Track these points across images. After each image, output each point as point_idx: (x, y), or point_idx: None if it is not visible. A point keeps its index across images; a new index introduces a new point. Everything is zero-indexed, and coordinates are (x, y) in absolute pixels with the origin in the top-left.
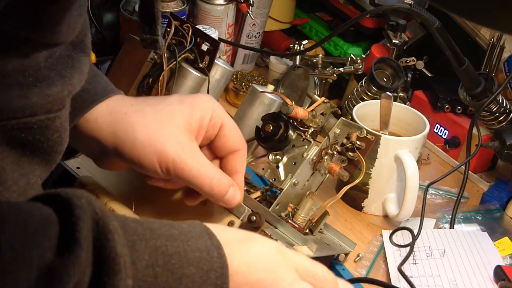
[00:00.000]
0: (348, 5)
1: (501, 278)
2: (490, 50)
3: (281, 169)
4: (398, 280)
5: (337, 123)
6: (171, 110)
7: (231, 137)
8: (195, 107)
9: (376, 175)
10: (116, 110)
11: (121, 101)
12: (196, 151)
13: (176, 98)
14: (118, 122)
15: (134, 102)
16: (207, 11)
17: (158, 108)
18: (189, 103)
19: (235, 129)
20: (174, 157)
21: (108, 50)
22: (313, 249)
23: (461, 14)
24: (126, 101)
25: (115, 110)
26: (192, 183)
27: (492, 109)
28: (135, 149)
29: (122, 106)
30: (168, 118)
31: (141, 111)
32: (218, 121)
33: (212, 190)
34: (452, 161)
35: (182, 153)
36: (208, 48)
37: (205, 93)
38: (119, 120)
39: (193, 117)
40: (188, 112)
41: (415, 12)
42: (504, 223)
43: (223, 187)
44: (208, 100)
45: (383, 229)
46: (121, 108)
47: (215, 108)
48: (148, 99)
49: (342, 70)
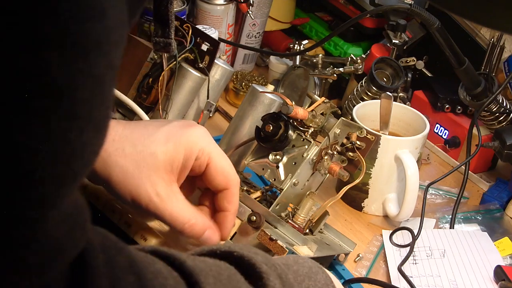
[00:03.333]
0: (348, 5)
1: (501, 278)
2: (490, 50)
3: (281, 169)
4: (398, 280)
5: (337, 123)
6: (153, 151)
7: (217, 176)
8: (180, 147)
9: (376, 175)
10: None
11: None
12: (171, 195)
13: (163, 134)
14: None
15: (117, 137)
16: (207, 11)
17: (139, 149)
18: (174, 142)
19: (224, 168)
20: (147, 201)
21: None
22: (313, 249)
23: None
24: (112, 131)
25: None
26: (167, 224)
27: (492, 109)
28: (110, 187)
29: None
30: (148, 160)
31: (121, 149)
32: (204, 161)
33: (184, 233)
34: (452, 161)
35: (156, 197)
36: (208, 48)
37: (197, 127)
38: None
39: (176, 158)
40: (172, 152)
41: (415, 12)
42: (504, 223)
43: (196, 231)
44: (197, 139)
45: (383, 229)
46: None
47: (203, 148)
48: (134, 132)
49: (342, 70)
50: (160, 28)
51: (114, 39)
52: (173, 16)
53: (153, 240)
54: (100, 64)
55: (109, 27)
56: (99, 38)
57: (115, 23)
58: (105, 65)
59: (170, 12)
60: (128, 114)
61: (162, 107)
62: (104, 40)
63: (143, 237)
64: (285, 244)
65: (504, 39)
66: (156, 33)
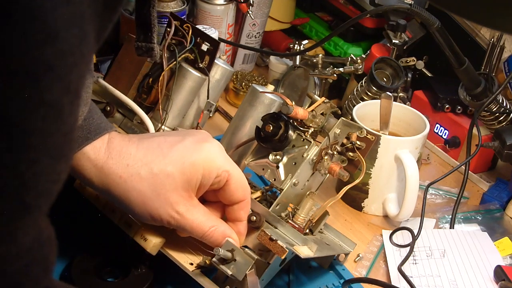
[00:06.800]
0: (348, 5)
1: (501, 278)
2: (490, 50)
3: (281, 169)
4: (398, 280)
5: (337, 123)
6: (170, 173)
7: (236, 191)
8: (198, 166)
9: (376, 175)
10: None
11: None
12: (191, 209)
13: (179, 153)
14: (111, 184)
15: (131, 161)
16: (207, 11)
17: (155, 172)
18: (191, 162)
19: (241, 181)
20: (168, 219)
21: (108, 50)
22: (313, 249)
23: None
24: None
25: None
26: (188, 234)
27: (492, 109)
28: (128, 209)
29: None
30: (166, 182)
31: (137, 174)
32: (224, 179)
33: (205, 240)
34: (452, 161)
35: (177, 215)
36: (208, 48)
37: (212, 142)
38: (113, 182)
39: (194, 177)
40: (189, 172)
41: (415, 12)
42: (504, 223)
43: (215, 238)
44: (214, 156)
45: (383, 229)
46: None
47: (221, 166)
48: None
49: (342, 70)
50: (142, 33)
51: (71, 61)
52: (155, 20)
53: (153, 240)
54: (54, 90)
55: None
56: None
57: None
58: (61, 90)
59: (153, 16)
60: (128, 114)
61: (162, 107)
62: (57, 63)
63: (143, 237)
64: (285, 244)
65: (504, 39)
66: (138, 38)
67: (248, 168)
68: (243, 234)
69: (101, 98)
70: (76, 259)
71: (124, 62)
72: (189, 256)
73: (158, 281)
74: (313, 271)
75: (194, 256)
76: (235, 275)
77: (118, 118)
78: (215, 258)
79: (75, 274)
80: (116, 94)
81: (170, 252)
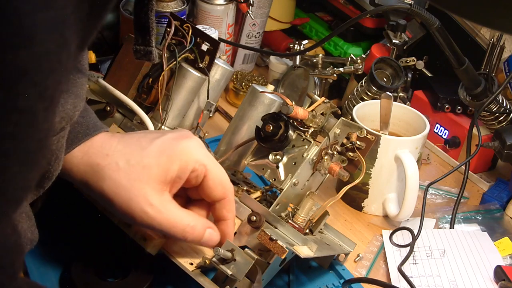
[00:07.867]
0: (348, 5)
1: (501, 278)
2: (490, 50)
3: (281, 169)
4: (398, 280)
5: (337, 123)
6: (146, 164)
7: (215, 187)
8: (174, 159)
9: (376, 175)
10: (92, 158)
11: (102, 145)
12: (165, 203)
13: (157, 147)
14: (89, 172)
15: (111, 151)
16: (207, 11)
17: (132, 163)
18: (168, 155)
19: (220, 177)
20: (140, 213)
21: (108, 50)
22: (313, 249)
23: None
24: (107, 145)
25: (90, 158)
26: (165, 233)
27: (492, 109)
28: (103, 200)
29: (98, 154)
30: (141, 173)
31: (115, 164)
32: (201, 173)
33: (186, 238)
34: (452, 161)
35: (150, 208)
36: (208, 48)
37: (191, 138)
38: (91, 170)
39: (170, 170)
40: (165, 165)
41: (415, 12)
42: (504, 223)
43: (197, 233)
44: (192, 150)
45: (383, 229)
46: (96, 157)
47: (199, 160)
48: (127, 146)
49: (342, 70)
50: (140, 36)
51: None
52: (154, 23)
53: (153, 240)
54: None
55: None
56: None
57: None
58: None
59: (151, 19)
60: (128, 114)
61: (162, 107)
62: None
63: (143, 237)
64: (285, 244)
65: (504, 39)
66: (137, 41)
67: (248, 168)
68: (229, 234)
69: (101, 98)
70: (76, 259)
71: (124, 62)
72: (189, 256)
73: (158, 281)
74: (313, 271)
75: (194, 256)
76: (235, 275)
77: (118, 118)
78: (215, 258)
79: (75, 274)
80: (116, 94)
81: (170, 252)
